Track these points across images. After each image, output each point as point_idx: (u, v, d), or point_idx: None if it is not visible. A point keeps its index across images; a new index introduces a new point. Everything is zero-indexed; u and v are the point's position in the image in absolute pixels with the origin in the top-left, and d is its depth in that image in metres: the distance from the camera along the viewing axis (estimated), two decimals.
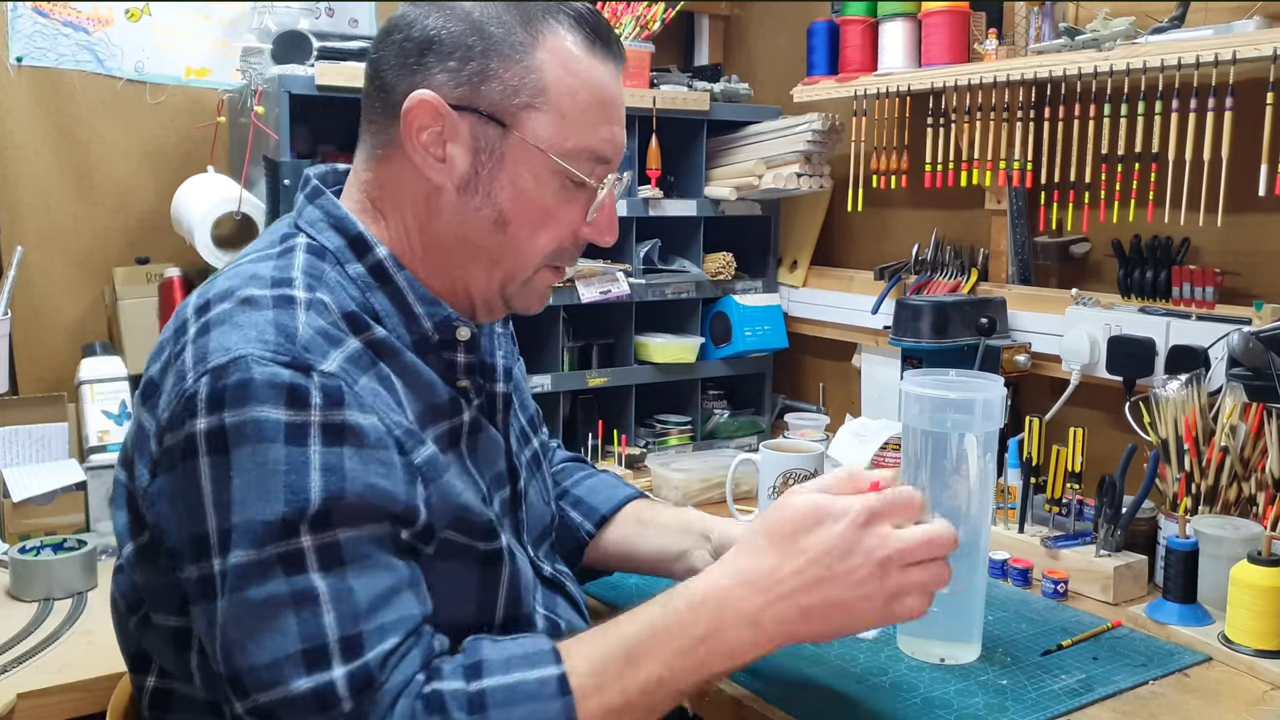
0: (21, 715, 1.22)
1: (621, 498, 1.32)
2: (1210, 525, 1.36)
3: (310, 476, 0.85)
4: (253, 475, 0.84)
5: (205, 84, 2.18)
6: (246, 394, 0.85)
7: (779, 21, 2.45)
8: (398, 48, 0.99)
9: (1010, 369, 1.81)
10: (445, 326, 1.01)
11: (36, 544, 1.53)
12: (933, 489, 1.25)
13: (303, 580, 0.84)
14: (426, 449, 0.94)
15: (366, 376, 0.92)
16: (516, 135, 0.98)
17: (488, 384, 1.08)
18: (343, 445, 0.87)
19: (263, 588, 0.83)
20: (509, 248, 1.02)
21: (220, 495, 0.84)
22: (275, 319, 0.90)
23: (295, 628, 0.82)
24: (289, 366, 0.87)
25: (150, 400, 0.93)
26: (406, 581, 0.89)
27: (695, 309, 2.20)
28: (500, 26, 0.97)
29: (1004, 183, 1.89)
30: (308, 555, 0.84)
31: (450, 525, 0.97)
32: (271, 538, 0.84)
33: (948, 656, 1.23)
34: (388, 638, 0.85)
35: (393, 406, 0.93)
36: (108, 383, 1.83)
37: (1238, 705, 1.14)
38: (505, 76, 0.97)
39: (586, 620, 1.17)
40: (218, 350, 0.87)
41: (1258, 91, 1.49)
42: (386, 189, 1.02)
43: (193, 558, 0.86)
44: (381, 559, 0.88)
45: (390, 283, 1.00)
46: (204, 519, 0.85)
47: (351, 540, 0.86)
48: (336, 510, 0.85)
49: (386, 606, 0.86)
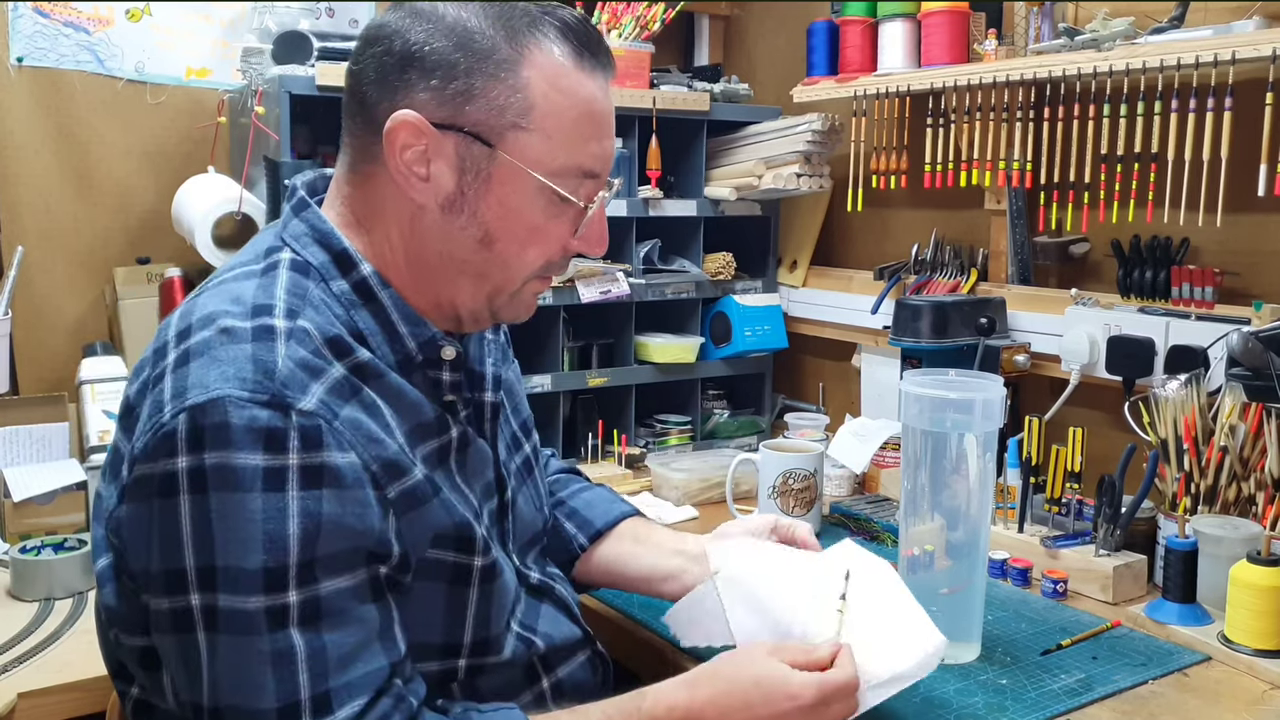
0: (21, 715, 1.22)
1: (619, 513, 1.31)
2: (1209, 525, 1.36)
3: (288, 525, 0.85)
4: (231, 521, 0.84)
5: (205, 84, 2.18)
6: (225, 438, 0.85)
7: (779, 21, 2.45)
8: (378, 61, 0.96)
9: (1010, 369, 1.82)
10: (429, 345, 1.01)
11: (37, 544, 1.54)
12: (932, 489, 1.25)
13: (283, 637, 0.85)
14: (407, 480, 0.94)
15: (349, 406, 0.91)
16: (503, 155, 0.95)
17: (476, 393, 1.08)
18: (320, 488, 0.87)
19: (247, 638, 0.85)
20: (496, 264, 1.00)
21: (199, 534, 0.85)
22: (254, 354, 0.88)
23: (273, 685, 0.85)
24: (267, 406, 0.86)
25: (125, 422, 0.93)
26: (376, 632, 0.91)
27: (695, 309, 2.20)
28: (485, 41, 0.94)
29: (1004, 183, 1.89)
30: (290, 610, 0.86)
31: (435, 545, 0.97)
32: (255, 589, 0.85)
33: (947, 656, 1.23)
34: (355, 697, 0.88)
35: (376, 435, 0.92)
36: (108, 383, 1.83)
37: (1237, 705, 1.14)
38: (491, 95, 0.94)
39: (577, 622, 1.17)
40: (196, 387, 0.86)
41: (1257, 91, 1.49)
42: (370, 205, 1.00)
43: (164, 590, 0.86)
44: (354, 612, 0.89)
45: (374, 301, 0.98)
46: (181, 555, 0.85)
47: (331, 594, 0.88)
48: (317, 562, 0.87)
49: (354, 663, 0.88)
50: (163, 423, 0.86)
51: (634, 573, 1.25)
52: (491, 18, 0.95)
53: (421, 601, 0.98)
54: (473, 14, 0.95)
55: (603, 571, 1.28)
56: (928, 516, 1.26)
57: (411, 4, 0.97)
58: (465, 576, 1.01)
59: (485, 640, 1.04)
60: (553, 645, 1.11)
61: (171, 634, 0.87)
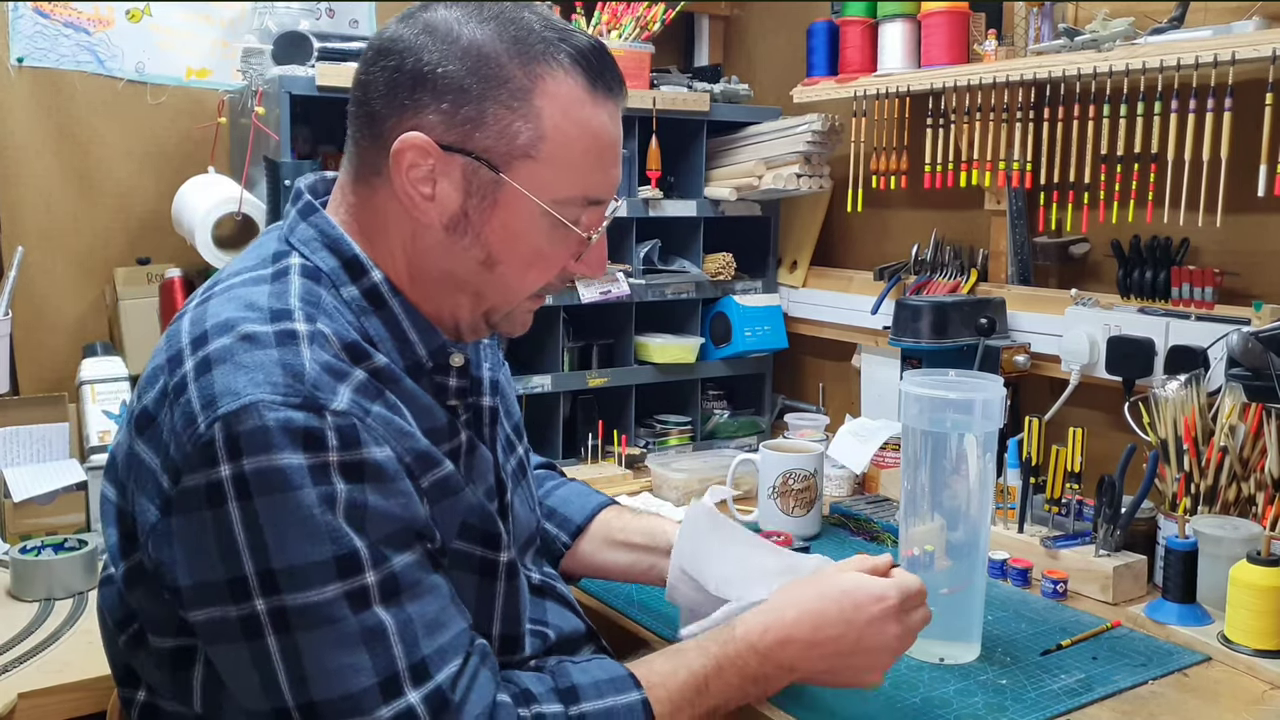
0: (22, 715, 1.22)
1: (593, 506, 1.33)
2: (1209, 525, 1.36)
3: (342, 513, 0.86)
4: (288, 520, 0.84)
5: (206, 84, 2.18)
6: (265, 441, 0.84)
7: (779, 22, 2.45)
8: (389, 77, 0.95)
9: (1010, 369, 1.82)
10: (440, 352, 1.01)
11: (37, 544, 1.54)
12: (932, 489, 1.26)
13: (370, 616, 0.86)
14: (439, 470, 0.96)
15: (377, 404, 0.92)
16: (510, 182, 0.95)
17: (474, 398, 1.08)
18: (364, 482, 0.88)
19: (330, 628, 0.85)
20: (496, 285, 1.01)
21: (255, 540, 0.84)
22: (280, 358, 0.88)
23: (369, 663, 0.86)
24: (301, 409, 0.86)
25: (148, 433, 0.92)
26: (449, 598, 0.93)
27: (695, 309, 2.20)
28: (499, 68, 0.93)
29: (1003, 183, 1.89)
30: (371, 590, 0.87)
31: (461, 536, 0.99)
32: (329, 578, 0.85)
33: (947, 656, 1.24)
34: (449, 660, 0.90)
35: (406, 429, 0.93)
36: (108, 383, 1.83)
37: (1237, 705, 1.14)
38: (503, 124, 0.94)
39: (580, 617, 1.20)
40: (226, 394, 0.86)
41: (1257, 92, 1.49)
42: (375, 217, 1.00)
43: (229, 599, 0.86)
44: (427, 581, 0.91)
45: (385, 308, 0.99)
46: (240, 563, 0.85)
47: (403, 568, 0.89)
48: (382, 542, 0.88)
49: (441, 629, 0.90)
50: (199, 434, 0.85)
51: (614, 568, 1.30)
52: (507, 41, 0.94)
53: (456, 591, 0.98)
54: (488, 37, 0.94)
55: (587, 566, 1.31)
56: (928, 517, 1.26)
57: (426, 17, 0.95)
58: (492, 570, 1.03)
59: (513, 637, 1.06)
60: (563, 636, 1.14)
61: (240, 643, 0.86)
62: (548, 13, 0.98)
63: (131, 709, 1.01)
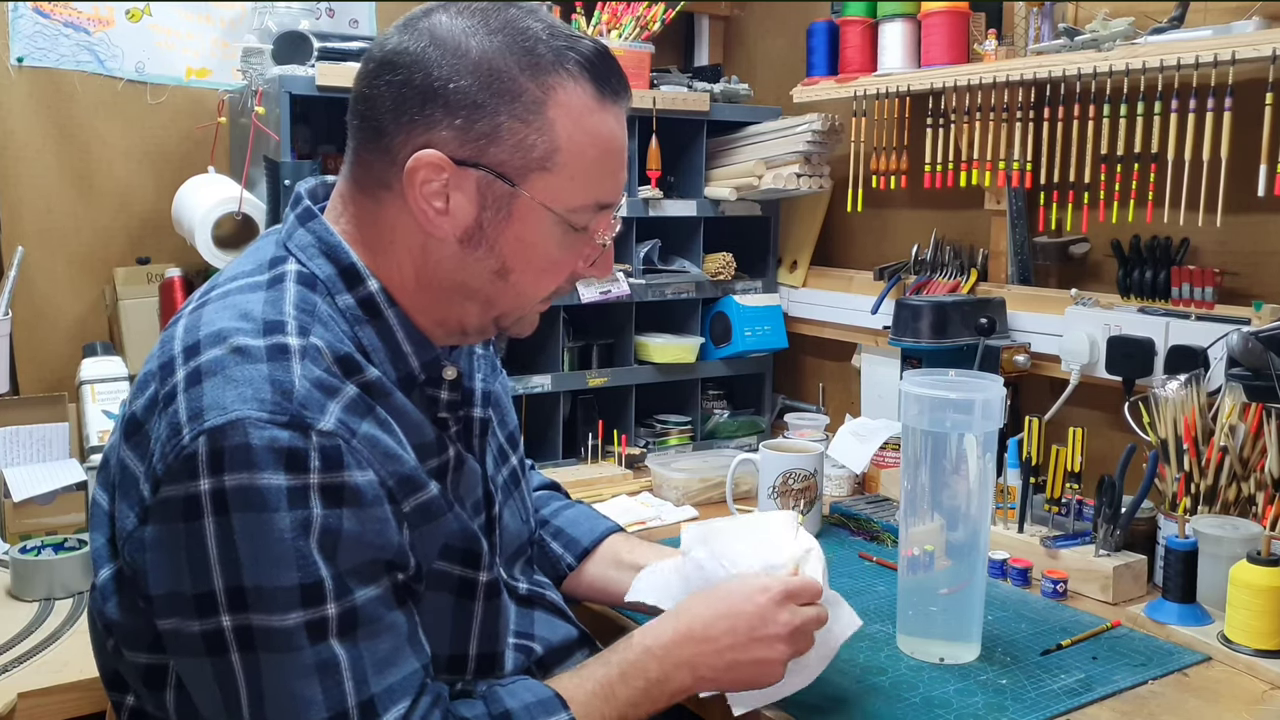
0: (22, 715, 1.22)
1: (601, 531, 1.33)
2: (1209, 525, 1.36)
3: (314, 541, 0.86)
4: (259, 541, 0.84)
5: (206, 84, 2.18)
6: (247, 459, 0.84)
7: (779, 22, 2.45)
8: (396, 92, 0.93)
9: (1010, 369, 1.82)
10: (433, 365, 1.01)
11: (37, 544, 1.54)
12: (932, 489, 1.26)
13: (325, 649, 0.86)
14: (422, 494, 0.95)
15: (366, 423, 0.91)
16: (526, 194, 0.95)
17: (465, 410, 1.08)
18: (341, 507, 0.87)
19: (288, 655, 0.85)
20: (509, 293, 1.01)
21: (227, 555, 0.84)
22: (270, 374, 0.88)
23: (320, 696, 0.86)
24: (287, 427, 0.86)
25: (135, 439, 0.92)
26: (406, 636, 0.92)
27: (695, 309, 2.20)
28: (511, 82, 0.92)
29: (1003, 183, 1.89)
30: (330, 622, 0.86)
31: (442, 556, 0.99)
32: (292, 605, 0.85)
33: (947, 656, 1.24)
34: (398, 700, 0.89)
35: (393, 450, 0.93)
36: (108, 383, 1.83)
37: (1237, 705, 1.14)
38: (517, 138, 0.93)
39: (573, 623, 1.20)
40: (213, 408, 0.86)
41: (1257, 92, 1.49)
42: (381, 229, 0.99)
43: (195, 613, 0.86)
44: (386, 619, 0.91)
45: (380, 318, 0.98)
46: (209, 577, 0.85)
47: (365, 603, 0.89)
48: (347, 574, 0.88)
49: (391, 668, 0.90)
50: (183, 445, 0.85)
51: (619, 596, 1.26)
52: (517, 53, 0.93)
53: (430, 612, 0.98)
54: (498, 49, 0.93)
55: (591, 590, 1.30)
56: (928, 516, 1.26)
57: (430, 27, 0.94)
58: (471, 590, 1.02)
59: (489, 656, 1.05)
60: (551, 648, 1.14)
61: (203, 657, 0.86)
62: (550, 18, 0.98)
63: (121, 712, 1.01)
